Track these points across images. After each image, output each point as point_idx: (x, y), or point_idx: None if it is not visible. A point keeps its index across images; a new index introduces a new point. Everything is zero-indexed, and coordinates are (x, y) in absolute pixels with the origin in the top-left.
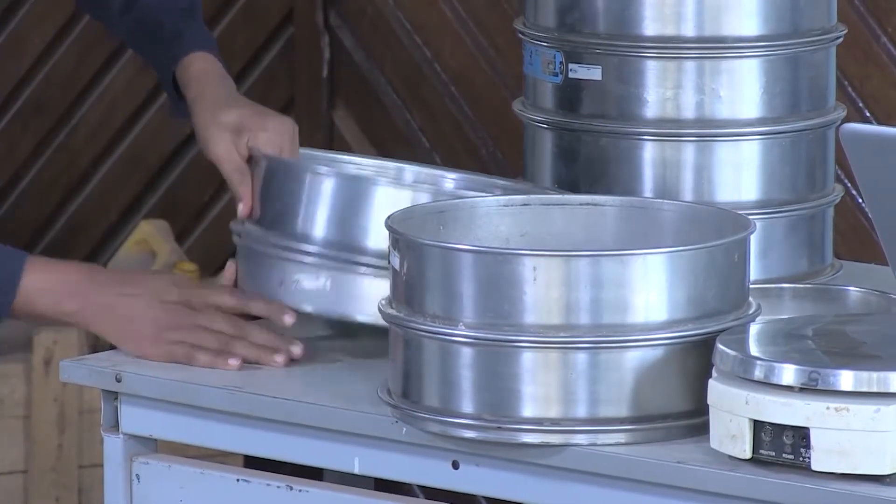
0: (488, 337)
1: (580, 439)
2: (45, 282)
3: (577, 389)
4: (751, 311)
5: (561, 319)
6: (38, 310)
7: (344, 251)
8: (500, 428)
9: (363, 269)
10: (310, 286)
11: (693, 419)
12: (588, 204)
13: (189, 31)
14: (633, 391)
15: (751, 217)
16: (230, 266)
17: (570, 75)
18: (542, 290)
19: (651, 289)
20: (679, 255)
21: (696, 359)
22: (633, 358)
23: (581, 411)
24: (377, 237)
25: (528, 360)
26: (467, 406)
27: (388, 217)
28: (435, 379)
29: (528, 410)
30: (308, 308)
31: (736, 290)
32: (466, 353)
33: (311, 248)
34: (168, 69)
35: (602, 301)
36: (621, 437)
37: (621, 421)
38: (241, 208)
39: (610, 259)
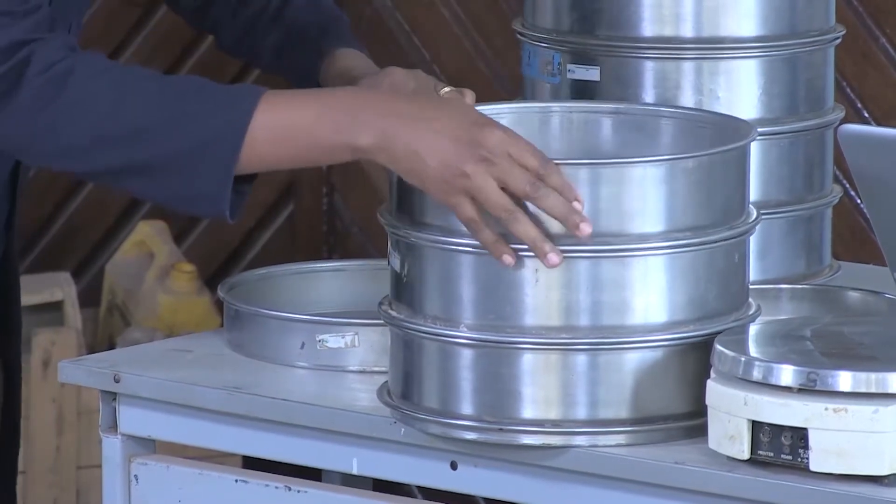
0: (489, 339)
1: (580, 441)
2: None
3: (577, 391)
4: (751, 312)
5: (561, 321)
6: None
7: None
8: (500, 429)
9: None
10: None
11: (692, 420)
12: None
13: (339, 30)
14: (633, 393)
15: None
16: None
17: (569, 76)
18: (542, 292)
19: (651, 290)
20: (679, 257)
21: (695, 360)
22: (633, 359)
23: (581, 413)
24: None
25: (529, 361)
26: (467, 408)
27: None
28: (435, 380)
29: (529, 412)
30: None
31: (736, 291)
32: (467, 355)
33: None
34: (314, 63)
35: (602, 303)
36: (621, 439)
37: (621, 422)
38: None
39: (610, 261)
